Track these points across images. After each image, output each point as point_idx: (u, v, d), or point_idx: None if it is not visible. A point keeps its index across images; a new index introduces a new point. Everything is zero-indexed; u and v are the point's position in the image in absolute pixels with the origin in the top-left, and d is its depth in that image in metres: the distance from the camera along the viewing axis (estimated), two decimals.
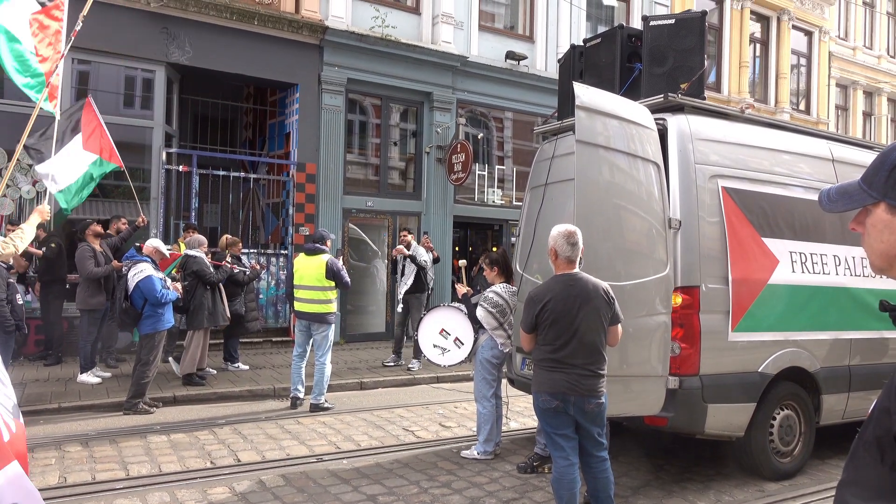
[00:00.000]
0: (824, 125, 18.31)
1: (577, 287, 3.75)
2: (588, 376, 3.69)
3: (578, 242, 3.80)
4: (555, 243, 3.81)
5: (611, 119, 4.44)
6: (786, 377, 5.06)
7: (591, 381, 3.70)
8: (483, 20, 13.06)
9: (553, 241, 3.83)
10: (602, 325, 3.76)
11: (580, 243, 3.81)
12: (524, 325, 3.90)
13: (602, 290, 3.79)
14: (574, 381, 3.67)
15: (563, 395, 3.68)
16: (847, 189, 1.26)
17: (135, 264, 6.75)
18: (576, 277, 3.80)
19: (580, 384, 3.68)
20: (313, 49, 10.93)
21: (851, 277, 5.50)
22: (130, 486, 4.62)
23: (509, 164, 13.47)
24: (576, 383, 3.67)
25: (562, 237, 3.79)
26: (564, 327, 3.70)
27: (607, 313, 3.77)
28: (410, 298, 9.32)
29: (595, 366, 3.72)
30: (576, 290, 3.74)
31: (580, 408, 3.70)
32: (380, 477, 4.96)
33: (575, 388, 3.67)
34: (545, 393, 3.74)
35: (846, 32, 20.39)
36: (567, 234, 3.79)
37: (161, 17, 9.64)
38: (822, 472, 5.36)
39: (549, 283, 3.87)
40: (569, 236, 3.78)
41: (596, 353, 3.74)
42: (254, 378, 8.17)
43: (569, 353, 3.69)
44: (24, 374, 7.90)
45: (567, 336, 3.69)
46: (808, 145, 5.68)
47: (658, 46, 5.59)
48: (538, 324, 3.78)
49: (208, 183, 10.35)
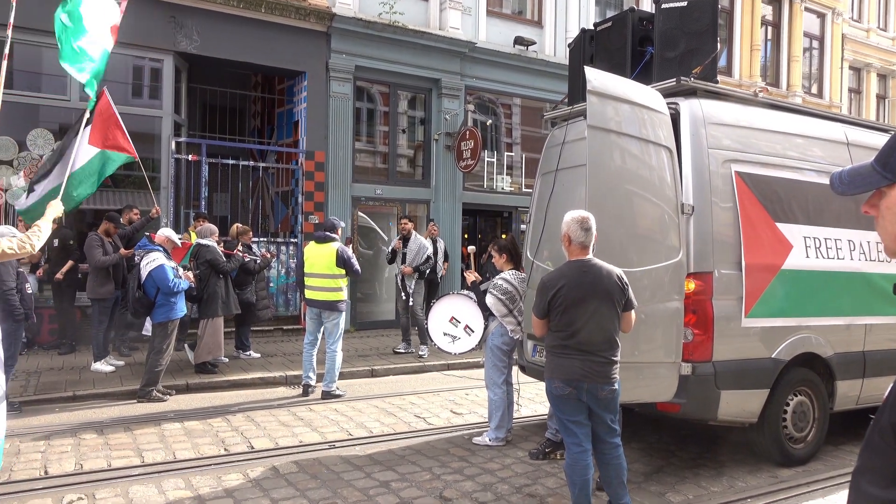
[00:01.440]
0: (837, 108, 18.11)
1: (590, 273, 3.73)
2: (601, 363, 3.68)
3: (592, 228, 3.78)
4: (568, 229, 3.79)
5: (622, 104, 4.39)
6: (799, 363, 5.03)
7: (605, 367, 3.68)
8: (491, 5, 12.95)
9: (566, 226, 3.80)
10: (616, 311, 3.74)
11: (594, 229, 3.79)
12: (537, 310, 3.87)
13: (616, 277, 3.76)
14: (587, 368, 3.66)
15: (577, 381, 3.67)
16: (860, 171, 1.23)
17: (147, 253, 6.79)
18: (589, 263, 3.78)
19: (593, 371, 3.66)
20: (321, 36, 10.89)
21: (866, 262, 5.44)
22: (146, 473, 4.66)
23: (518, 151, 13.41)
24: (589, 370, 3.66)
25: (575, 223, 3.77)
26: (578, 313, 3.67)
27: (621, 299, 3.75)
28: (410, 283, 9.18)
29: (608, 352, 3.71)
30: (589, 276, 3.72)
31: (593, 394, 3.69)
32: (392, 463, 4.98)
33: (588, 375, 3.66)
34: (558, 379, 3.73)
35: (860, 14, 20.10)
36: (581, 219, 3.77)
37: (169, 6, 9.62)
38: (835, 458, 5.34)
39: (563, 268, 3.84)
40: (582, 222, 3.76)
41: (609, 339, 3.72)
42: (265, 366, 8.21)
43: (582, 339, 3.67)
44: (38, 362, 7.99)
45: (580, 322, 3.67)
46: (823, 129, 5.60)
47: (670, 30, 5.52)
48: (551, 309, 3.75)
49: (217, 172, 10.36)
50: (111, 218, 8.00)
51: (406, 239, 9.22)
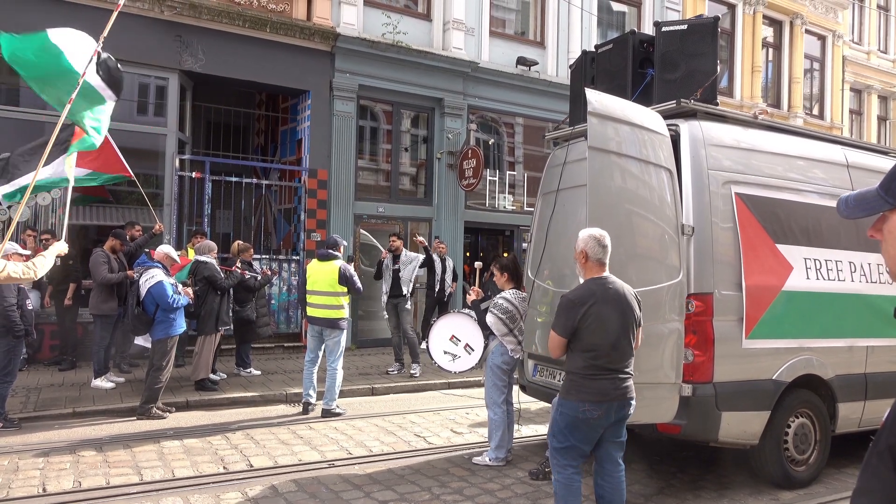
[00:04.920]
0: (838, 130, 18.18)
1: (613, 290, 3.72)
2: (626, 379, 3.69)
3: (608, 245, 3.78)
4: (586, 245, 3.76)
5: (623, 125, 4.43)
6: (800, 385, 5.02)
7: (629, 383, 3.70)
8: (494, 26, 13.08)
9: (584, 243, 3.77)
10: (634, 328, 3.75)
11: (609, 246, 3.79)
12: (561, 329, 3.71)
13: (633, 294, 3.80)
14: (616, 387, 3.64)
15: (608, 403, 3.63)
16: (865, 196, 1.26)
17: (146, 270, 6.80)
18: (611, 280, 3.77)
19: (621, 389, 3.65)
20: (325, 56, 10.99)
21: (867, 284, 5.44)
22: (144, 491, 4.64)
23: (520, 170, 13.47)
24: (618, 389, 3.64)
25: (593, 240, 3.75)
26: (607, 332, 3.63)
27: (638, 316, 3.77)
28: (399, 302, 9.10)
29: (630, 368, 3.73)
30: (612, 293, 3.71)
31: (618, 413, 3.68)
32: (392, 483, 4.95)
33: (618, 395, 3.64)
34: (588, 402, 3.62)
35: (860, 36, 20.25)
36: (598, 237, 3.76)
37: (174, 26, 9.73)
38: (837, 481, 5.29)
39: (589, 285, 3.76)
40: (600, 239, 3.75)
41: (631, 355, 3.74)
42: (266, 383, 8.19)
43: (613, 358, 3.65)
44: (38, 378, 7.98)
45: (610, 341, 3.64)
46: (823, 151, 5.64)
47: (670, 52, 5.58)
48: (580, 328, 3.65)
49: (221, 189, 10.41)
50: (117, 235, 8.03)
51: (396, 256, 9.14)
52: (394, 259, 9.13)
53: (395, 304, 9.13)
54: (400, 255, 9.14)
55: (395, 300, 9.12)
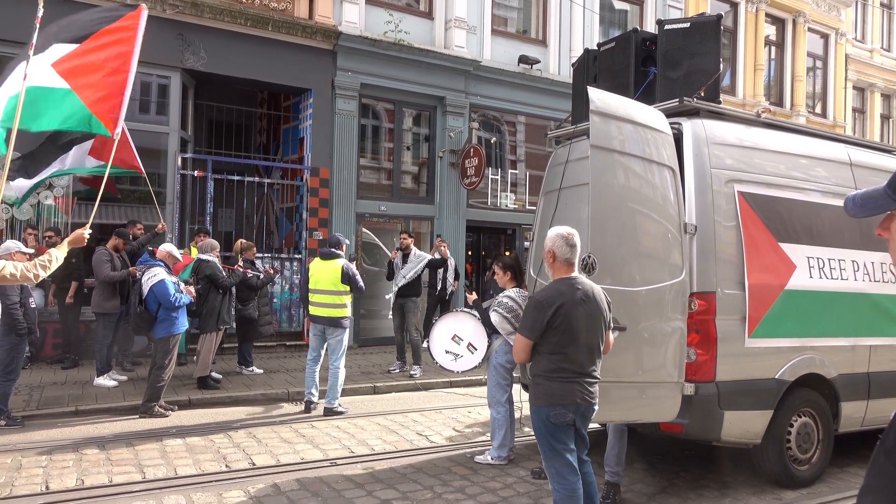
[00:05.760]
0: (841, 128, 18.15)
1: (582, 291, 3.59)
2: (593, 383, 3.60)
3: (577, 244, 3.65)
4: (553, 245, 3.63)
5: (625, 123, 4.42)
6: (803, 384, 5.01)
7: (595, 388, 3.60)
8: (496, 24, 13.07)
9: (551, 242, 3.65)
10: (604, 330, 3.64)
11: (579, 245, 3.66)
12: (529, 331, 3.57)
13: (603, 294, 3.68)
14: (584, 390, 3.54)
15: (577, 406, 3.53)
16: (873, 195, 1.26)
17: (148, 269, 6.81)
18: (579, 280, 3.64)
19: (587, 392, 3.56)
20: (327, 54, 10.99)
21: (870, 283, 5.43)
22: (147, 489, 4.65)
23: (522, 169, 13.46)
24: (585, 392, 3.55)
25: (560, 238, 3.62)
26: (576, 333, 3.52)
27: (608, 318, 3.66)
28: (406, 302, 9.10)
29: (597, 371, 3.63)
30: (581, 294, 3.57)
31: (584, 416, 3.60)
32: (394, 482, 4.95)
33: (584, 398, 3.54)
34: (560, 406, 3.50)
35: (863, 35, 20.20)
36: (566, 235, 3.62)
37: (176, 24, 9.73)
38: (840, 480, 5.29)
39: (557, 286, 3.64)
40: (567, 238, 3.62)
41: (599, 358, 3.63)
42: (268, 382, 8.20)
43: (581, 361, 3.54)
44: (41, 377, 7.99)
45: (578, 342, 3.53)
46: (826, 149, 5.62)
47: (673, 50, 5.57)
48: (548, 330, 3.50)
49: (223, 188, 10.42)
50: (121, 234, 8.03)
51: (406, 255, 9.15)
52: (404, 258, 9.13)
53: (402, 304, 9.12)
54: (409, 253, 9.13)
55: (403, 300, 9.11)
